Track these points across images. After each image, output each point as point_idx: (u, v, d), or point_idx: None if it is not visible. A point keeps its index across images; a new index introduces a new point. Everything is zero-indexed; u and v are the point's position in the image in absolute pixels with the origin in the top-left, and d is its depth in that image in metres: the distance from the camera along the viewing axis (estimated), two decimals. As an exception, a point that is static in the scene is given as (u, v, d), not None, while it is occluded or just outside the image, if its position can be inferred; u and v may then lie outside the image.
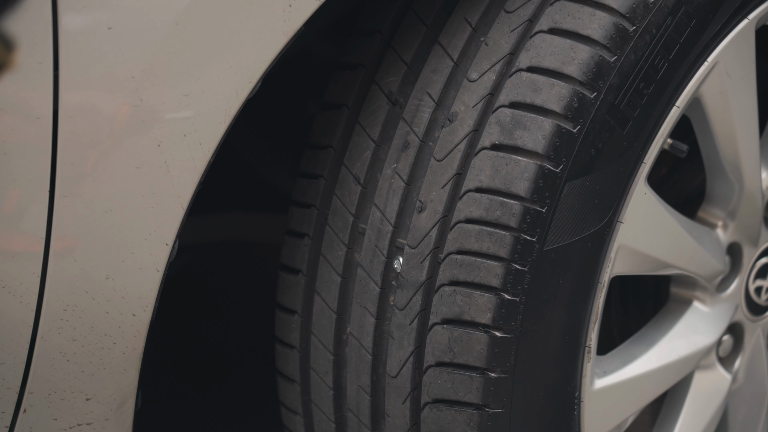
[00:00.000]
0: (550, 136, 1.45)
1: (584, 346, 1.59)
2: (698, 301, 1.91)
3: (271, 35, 1.37)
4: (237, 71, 1.36)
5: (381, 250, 1.56)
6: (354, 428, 1.68)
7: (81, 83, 1.29)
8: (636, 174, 1.55)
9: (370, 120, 1.61)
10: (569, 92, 1.45)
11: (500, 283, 1.46)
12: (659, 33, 1.50)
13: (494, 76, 1.50)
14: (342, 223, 1.62)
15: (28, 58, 1.26)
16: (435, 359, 1.52)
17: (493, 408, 1.51)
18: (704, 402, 1.95)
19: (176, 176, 1.37)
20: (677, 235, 1.70)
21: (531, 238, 1.46)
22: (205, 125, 1.36)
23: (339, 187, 1.63)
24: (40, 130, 1.29)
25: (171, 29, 1.32)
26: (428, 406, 1.54)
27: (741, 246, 1.91)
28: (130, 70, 1.31)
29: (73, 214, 1.34)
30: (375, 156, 1.60)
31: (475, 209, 1.47)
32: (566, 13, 1.48)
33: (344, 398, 1.67)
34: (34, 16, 1.25)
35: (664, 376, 1.81)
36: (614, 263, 1.57)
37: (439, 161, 1.52)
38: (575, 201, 1.48)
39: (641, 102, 1.51)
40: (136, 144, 1.34)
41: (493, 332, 1.48)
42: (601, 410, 1.67)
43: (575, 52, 1.46)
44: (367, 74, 1.63)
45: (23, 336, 1.39)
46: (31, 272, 1.35)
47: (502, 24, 1.52)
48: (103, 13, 1.29)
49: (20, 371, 1.41)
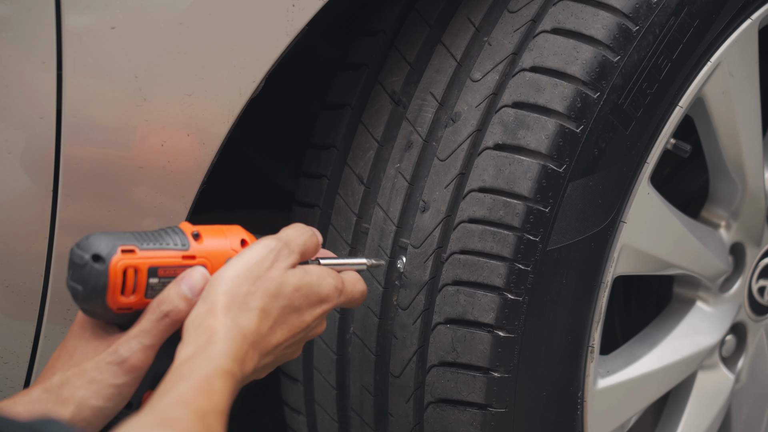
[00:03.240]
0: (553, 136, 1.45)
1: (587, 346, 1.59)
2: (701, 301, 1.91)
3: (274, 35, 1.37)
4: (240, 71, 1.36)
5: (384, 249, 1.56)
6: (357, 428, 1.68)
7: (84, 83, 1.29)
8: (639, 174, 1.55)
9: (374, 120, 1.61)
10: (572, 92, 1.45)
11: (503, 283, 1.46)
12: (662, 33, 1.49)
13: (497, 75, 1.50)
14: (345, 222, 1.62)
15: (32, 57, 1.27)
16: (438, 359, 1.52)
17: (497, 408, 1.51)
18: (707, 402, 1.95)
19: (180, 176, 1.37)
20: (680, 235, 1.70)
21: (534, 238, 1.46)
22: (208, 125, 1.36)
23: (342, 186, 1.63)
24: (43, 130, 1.29)
25: (174, 29, 1.32)
26: (431, 406, 1.54)
27: (744, 246, 1.90)
28: (134, 69, 1.31)
29: (77, 213, 1.34)
30: (378, 156, 1.60)
31: (479, 209, 1.47)
32: (569, 13, 1.48)
33: (347, 398, 1.67)
34: (37, 16, 1.25)
35: (667, 376, 1.81)
36: (617, 263, 1.57)
37: (443, 161, 1.52)
38: (578, 201, 1.48)
39: (644, 102, 1.51)
40: (139, 143, 1.34)
41: (496, 332, 1.48)
42: (604, 410, 1.67)
43: (578, 52, 1.46)
44: (371, 74, 1.63)
45: (27, 335, 1.39)
46: (34, 272, 1.35)
47: (505, 24, 1.52)
48: (106, 13, 1.29)
49: (24, 370, 1.41)
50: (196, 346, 1.21)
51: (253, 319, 1.26)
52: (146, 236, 1.26)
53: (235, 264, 1.29)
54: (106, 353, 1.25)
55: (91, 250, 1.21)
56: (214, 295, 1.26)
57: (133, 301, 1.24)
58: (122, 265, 1.22)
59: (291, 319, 1.32)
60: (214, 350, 1.20)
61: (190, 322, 1.25)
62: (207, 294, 1.27)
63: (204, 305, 1.25)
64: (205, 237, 1.29)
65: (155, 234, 1.27)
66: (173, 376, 1.16)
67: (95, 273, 1.21)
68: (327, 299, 1.36)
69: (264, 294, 1.28)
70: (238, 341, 1.23)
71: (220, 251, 1.30)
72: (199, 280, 1.27)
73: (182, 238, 1.28)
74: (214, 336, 1.21)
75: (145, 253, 1.24)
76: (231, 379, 1.18)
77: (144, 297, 1.25)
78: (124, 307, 1.24)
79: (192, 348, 1.21)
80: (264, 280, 1.29)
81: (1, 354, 1.39)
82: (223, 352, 1.20)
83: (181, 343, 1.23)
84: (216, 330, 1.22)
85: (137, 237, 1.25)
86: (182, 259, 1.27)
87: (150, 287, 1.24)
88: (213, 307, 1.25)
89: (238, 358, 1.21)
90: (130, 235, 1.25)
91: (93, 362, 1.25)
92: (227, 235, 1.32)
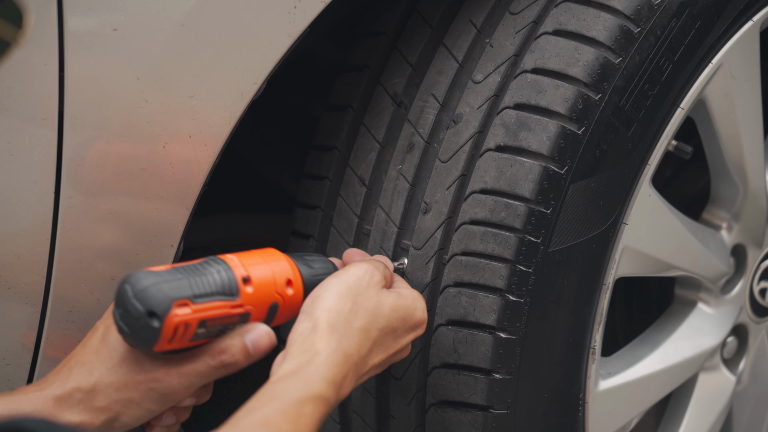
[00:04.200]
0: (554, 138, 1.45)
1: (589, 348, 1.59)
2: (703, 303, 1.91)
3: (276, 37, 1.37)
4: (242, 73, 1.36)
5: (386, 251, 1.56)
6: (359, 429, 1.68)
7: (86, 84, 1.29)
8: (641, 175, 1.55)
9: (375, 121, 1.61)
10: (574, 94, 1.45)
11: (505, 285, 1.46)
12: (664, 35, 1.49)
13: (499, 77, 1.50)
14: (347, 224, 1.62)
15: (34, 58, 1.27)
16: (440, 360, 1.52)
17: (498, 409, 1.51)
18: (709, 403, 1.95)
19: (181, 177, 1.37)
20: (682, 237, 1.70)
21: (536, 240, 1.46)
22: (210, 127, 1.36)
23: (344, 188, 1.63)
24: (45, 131, 1.29)
25: (176, 31, 1.32)
26: (433, 408, 1.54)
27: (745, 248, 1.90)
28: (136, 71, 1.31)
29: (79, 215, 1.34)
30: (380, 157, 1.60)
31: (480, 210, 1.47)
32: (571, 15, 1.48)
33: (349, 400, 1.67)
34: (40, 17, 1.25)
35: (668, 378, 1.81)
36: (619, 265, 1.57)
37: (444, 162, 1.52)
38: (580, 202, 1.48)
39: (646, 103, 1.51)
40: (141, 145, 1.34)
41: (497, 333, 1.48)
42: (606, 411, 1.67)
43: (580, 53, 1.46)
44: (372, 76, 1.63)
45: (28, 337, 1.39)
46: (36, 273, 1.35)
47: (507, 25, 1.52)
48: (108, 15, 1.29)
49: (25, 372, 1.41)
50: (297, 364, 1.21)
51: (354, 339, 1.27)
52: (196, 278, 1.24)
53: (335, 283, 1.31)
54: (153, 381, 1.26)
55: (147, 305, 1.20)
56: (319, 311, 1.27)
57: (177, 347, 1.24)
58: (176, 321, 1.21)
59: (388, 340, 1.34)
60: (312, 372, 1.20)
61: (295, 338, 1.25)
62: (311, 310, 1.28)
63: (308, 321, 1.26)
64: (254, 280, 1.28)
65: (203, 273, 1.25)
66: (266, 393, 1.16)
67: (149, 329, 1.21)
68: (420, 324, 1.40)
69: (365, 313, 1.30)
70: (339, 364, 1.23)
71: (266, 297, 1.30)
72: (266, 341, 1.27)
73: (231, 281, 1.26)
74: (316, 357, 1.21)
75: (197, 307, 1.23)
76: (323, 404, 1.17)
77: (188, 342, 1.24)
78: (166, 351, 1.24)
79: (293, 365, 1.21)
80: (363, 297, 1.31)
81: (3, 356, 1.39)
82: (321, 376, 1.20)
83: (283, 357, 1.24)
84: (319, 351, 1.22)
85: (189, 280, 1.23)
86: (231, 309, 1.26)
87: (196, 335, 1.24)
88: (317, 324, 1.26)
89: (336, 382, 1.21)
90: (184, 281, 1.23)
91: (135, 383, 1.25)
92: (273, 273, 1.31)
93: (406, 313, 1.36)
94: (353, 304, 1.29)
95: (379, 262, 1.41)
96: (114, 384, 1.25)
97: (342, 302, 1.29)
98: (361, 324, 1.29)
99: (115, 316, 1.23)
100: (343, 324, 1.27)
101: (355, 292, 1.31)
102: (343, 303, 1.29)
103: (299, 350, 1.23)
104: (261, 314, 1.29)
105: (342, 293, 1.30)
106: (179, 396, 1.27)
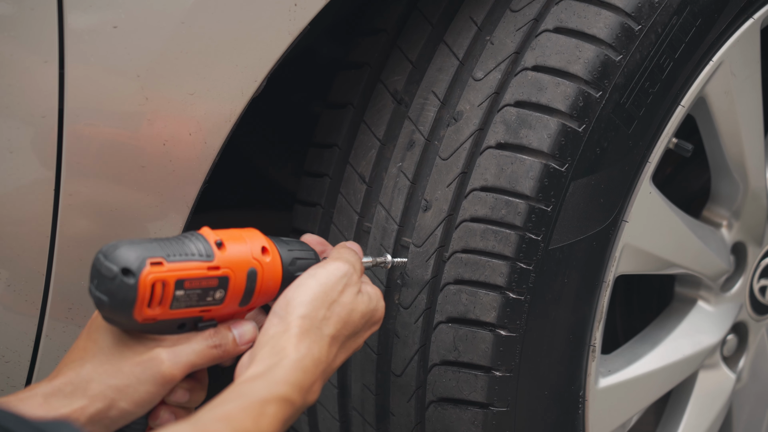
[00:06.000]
0: (555, 135, 1.45)
1: (589, 345, 1.59)
2: (703, 301, 1.91)
3: (276, 34, 1.37)
4: (242, 70, 1.36)
5: (386, 248, 1.56)
6: (358, 427, 1.68)
7: (86, 82, 1.29)
8: (641, 173, 1.55)
9: (376, 119, 1.61)
10: (575, 91, 1.45)
11: (505, 282, 1.46)
12: (665, 32, 1.49)
13: (500, 75, 1.50)
14: (347, 221, 1.62)
15: (34, 56, 1.27)
16: (440, 358, 1.52)
17: (498, 407, 1.51)
18: (708, 401, 1.95)
19: (181, 175, 1.37)
20: (682, 235, 1.70)
21: (536, 237, 1.46)
22: (210, 124, 1.36)
23: (344, 185, 1.63)
24: (45, 129, 1.29)
25: (176, 28, 1.32)
26: (433, 405, 1.55)
27: (746, 245, 1.90)
28: (136, 68, 1.31)
29: (79, 212, 1.34)
30: (380, 155, 1.60)
31: (481, 208, 1.47)
32: (572, 12, 1.47)
33: (349, 396, 1.67)
34: (39, 15, 1.25)
35: (668, 376, 1.81)
36: (619, 262, 1.57)
37: (445, 160, 1.52)
38: (580, 200, 1.48)
39: (646, 101, 1.51)
40: (141, 143, 1.34)
41: (498, 331, 1.48)
42: (606, 409, 1.67)
43: (581, 51, 1.46)
44: (373, 73, 1.63)
45: (28, 334, 1.39)
46: (36, 271, 1.35)
47: (508, 23, 1.52)
48: (108, 12, 1.29)
49: (25, 369, 1.41)
50: (265, 366, 1.21)
51: (324, 347, 1.28)
52: (170, 245, 1.24)
53: (312, 285, 1.31)
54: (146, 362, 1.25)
55: (121, 263, 1.20)
56: (291, 317, 1.27)
57: (158, 313, 1.23)
58: (151, 279, 1.20)
59: (350, 343, 1.36)
60: (278, 374, 1.20)
61: (266, 340, 1.26)
62: (284, 313, 1.28)
63: (281, 325, 1.27)
64: (227, 245, 1.28)
65: (178, 241, 1.26)
66: (232, 391, 1.16)
67: (124, 287, 1.20)
68: (378, 321, 1.41)
69: (337, 320, 1.31)
70: (308, 371, 1.24)
71: (242, 260, 1.29)
72: (250, 332, 1.31)
73: (206, 246, 1.27)
74: (285, 360, 1.22)
75: (172, 266, 1.22)
76: (288, 407, 1.17)
77: (169, 309, 1.24)
78: (148, 318, 1.23)
79: (261, 367, 1.21)
80: (337, 305, 1.32)
81: (3, 353, 1.39)
82: (287, 379, 1.20)
83: (250, 358, 1.24)
84: (288, 354, 1.23)
85: (163, 246, 1.23)
86: (207, 270, 1.26)
87: (176, 299, 1.23)
88: (289, 328, 1.26)
89: (303, 388, 1.22)
90: (156, 245, 1.23)
91: (128, 367, 1.25)
92: (247, 241, 1.31)
93: (370, 315, 1.38)
94: (327, 311, 1.30)
95: (355, 256, 1.41)
96: (108, 371, 1.24)
97: (316, 309, 1.29)
98: (331, 331, 1.30)
99: (91, 291, 1.22)
100: (315, 331, 1.28)
101: (330, 298, 1.31)
102: (317, 310, 1.29)
103: (269, 352, 1.24)
104: (240, 281, 1.29)
105: (317, 297, 1.30)
106: (178, 377, 1.26)
